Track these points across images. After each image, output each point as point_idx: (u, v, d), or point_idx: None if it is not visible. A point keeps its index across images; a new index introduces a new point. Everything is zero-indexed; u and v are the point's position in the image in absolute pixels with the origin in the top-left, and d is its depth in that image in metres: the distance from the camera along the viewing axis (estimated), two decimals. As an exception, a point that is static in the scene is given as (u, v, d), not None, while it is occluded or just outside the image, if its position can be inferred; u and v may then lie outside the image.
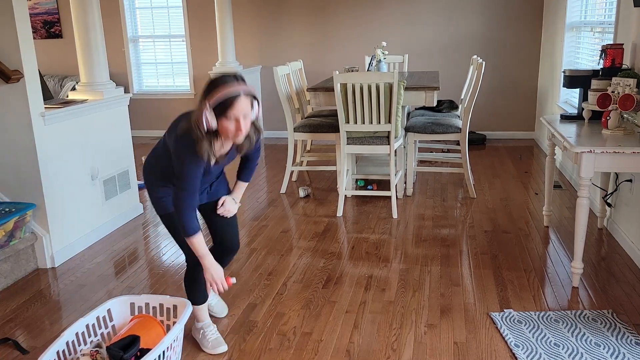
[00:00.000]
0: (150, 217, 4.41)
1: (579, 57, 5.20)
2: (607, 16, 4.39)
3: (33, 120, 3.35)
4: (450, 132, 4.53)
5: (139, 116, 7.80)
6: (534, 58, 6.68)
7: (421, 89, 4.35)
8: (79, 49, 4.02)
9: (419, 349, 2.50)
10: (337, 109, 4.19)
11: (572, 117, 3.51)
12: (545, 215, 3.94)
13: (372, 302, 2.93)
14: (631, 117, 3.34)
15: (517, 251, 3.54)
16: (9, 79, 3.22)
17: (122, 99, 4.24)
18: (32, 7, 7.61)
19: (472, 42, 6.75)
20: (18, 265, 3.36)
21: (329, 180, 5.30)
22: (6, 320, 2.88)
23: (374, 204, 4.53)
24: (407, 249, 3.61)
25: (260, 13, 7.16)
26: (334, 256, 3.54)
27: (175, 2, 7.41)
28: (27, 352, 2.57)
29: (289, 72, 5.01)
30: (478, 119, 6.94)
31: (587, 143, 2.86)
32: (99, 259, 3.62)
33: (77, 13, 3.95)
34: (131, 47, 7.62)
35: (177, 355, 2.31)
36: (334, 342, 2.57)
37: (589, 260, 3.36)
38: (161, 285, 3.21)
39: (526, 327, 2.63)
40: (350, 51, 7.05)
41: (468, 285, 3.09)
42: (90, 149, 3.90)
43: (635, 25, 3.48)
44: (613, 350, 2.43)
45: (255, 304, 2.95)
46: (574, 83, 3.52)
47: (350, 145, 4.23)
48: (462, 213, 4.27)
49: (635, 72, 3.21)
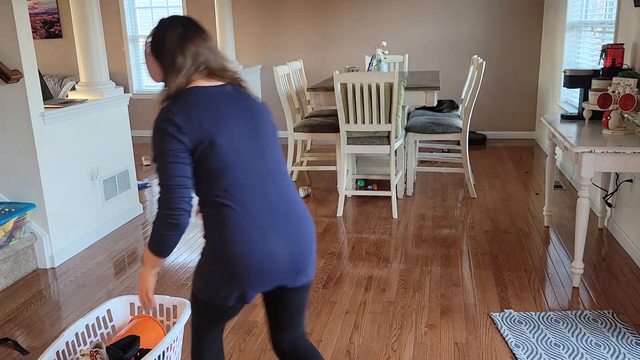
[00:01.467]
0: (150, 217, 4.40)
1: (579, 57, 5.20)
2: (608, 16, 4.38)
3: (33, 120, 3.34)
4: (451, 132, 4.52)
5: (138, 116, 7.79)
6: (535, 58, 6.68)
7: (421, 88, 4.34)
8: (79, 49, 4.01)
9: (419, 350, 2.49)
10: (337, 108, 4.18)
11: (572, 117, 3.50)
12: (546, 215, 3.93)
13: (372, 303, 2.92)
14: (632, 117, 3.34)
15: (517, 251, 3.53)
16: (8, 79, 3.21)
17: (122, 98, 4.24)
18: (32, 7, 7.61)
19: (473, 41, 6.74)
20: (18, 265, 3.36)
21: (329, 180, 5.29)
22: (6, 320, 2.88)
23: (374, 204, 4.52)
24: (408, 249, 3.61)
25: (260, 13, 7.16)
26: (334, 256, 3.54)
27: (175, 2, 7.41)
28: (27, 352, 2.57)
29: (289, 72, 5.00)
30: (478, 119, 6.93)
31: (588, 143, 2.85)
32: (98, 259, 3.62)
33: (77, 13, 3.94)
34: (131, 47, 7.62)
35: (177, 355, 2.30)
36: (334, 342, 2.57)
37: (590, 261, 3.36)
38: (161, 286, 3.20)
39: (526, 328, 2.63)
40: (351, 51, 7.04)
41: (468, 285, 3.09)
42: (90, 149, 3.90)
43: (636, 25, 3.48)
44: (613, 351, 2.43)
45: (256, 304, 2.94)
46: (574, 83, 3.52)
47: (351, 145, 4.23)
48: (462, 213, 4.26)
49: (635, 72, 3.21)
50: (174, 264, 3.49)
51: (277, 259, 1.60)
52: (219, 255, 1.60)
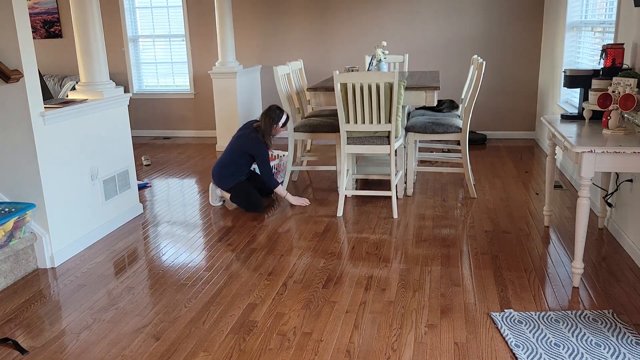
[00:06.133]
0: (150, 217, 4.41)
1: (579, 57, 5.20)
2: (608, 16, 4.38)
3: (33, 120, 3.35)
4: (451, 132, 4.52)
5: (139, 116, 7.79)
6: (535, 58, 6.68)
7: (421, 88, 4.34)
8: (79, 49, 4.01)
9: (419, 349, 2.49)
10: (337, 108, 4.18)
11: (572, 117, 3.50)
12: (546, 215, 3.93)
13: (373, 302, 2.93)
14: (632, 117, 3.34)
15: (517, 251, 3.53)
16: (8, 79, 3.21)
17: (122, 98, 4.24)
18: (32, 6, 7.61)
19: (473, 41, 6.74)
20: (18, 265, 3.36)
21: (329, 180, 5.29)
22: (6, 320, 2.88)
23: (374, 204, 4.52)
24: (408, 249, 3.61)
25: (260, 13, 7.16)
26: (334, 256, 3.54)
27: (175, 1, 7.41)
28: (27, 352, 2.57)
29: (289, 72, 5.00)
30: (478, 119, 6.94)
31: (588, 143, 2.85)
32: (99, 259, 3.62)
33: (77, 13, 3.94)
34: (131, 47, 7.62)
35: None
36: (334, 342, 2.57)
37: (590, 260, 3.36)
38: (161, 285, 3.20)
39: (526, 327, 2.63)
40: (351, 51, 7.04)
41: (468, 285, 3.09)
42: (90, 148, 3.90)
43: (636, 25, 3.48)
44: (613, 351, 2.43)
45: (255, 304, 2.95)
46: (574, 83, 3.52)
47: (351, 145, 4.23)
48: (462, 213, 4.26)
49: (635, 71, 3.21)
50: (174, 264, 3.49)
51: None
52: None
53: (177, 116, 7.71)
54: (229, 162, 4.48)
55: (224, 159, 4.50)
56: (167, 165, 6.12)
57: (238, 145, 4.47)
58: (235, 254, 3.63)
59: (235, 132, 6.68)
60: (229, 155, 4.50)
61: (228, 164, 4.47)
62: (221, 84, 6.63)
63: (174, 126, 7.74)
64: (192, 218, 4.35)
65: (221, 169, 4.48)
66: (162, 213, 4.49)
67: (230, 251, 3.67)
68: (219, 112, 6.71)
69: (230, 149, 4.52)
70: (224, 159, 4.51)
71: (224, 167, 4.47)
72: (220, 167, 4.49)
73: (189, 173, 5.74)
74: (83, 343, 2.63)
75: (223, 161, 4.50)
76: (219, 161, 4.53)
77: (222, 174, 4.47)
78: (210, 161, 6.24)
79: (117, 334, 2.70)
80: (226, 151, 4.54)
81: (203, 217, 4.37)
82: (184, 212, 4.51)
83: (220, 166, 4.49)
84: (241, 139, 4.47)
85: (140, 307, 2.96)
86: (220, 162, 4.51)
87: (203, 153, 6.67)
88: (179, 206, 4.66)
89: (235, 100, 6.63)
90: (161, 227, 4.18)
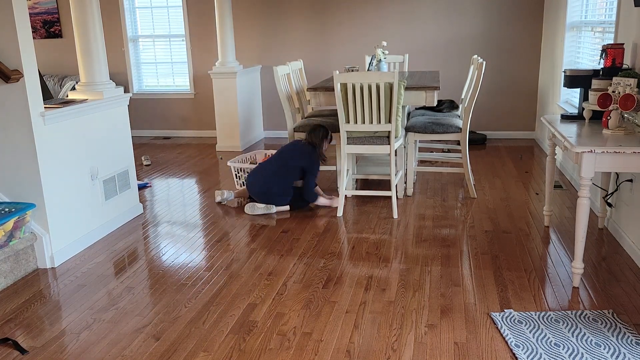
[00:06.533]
0: (150, 217, 4.41)
1: (579, 57, 5.20)
2: (608, 16, 4.38)
3: (33, 120, 3.35)
4: (451, 132, 4.52)
5: (139, 116, 7.80)
6: (535, 58, 6.68)
7: (421, 88, 4.34)
8: (79, 49, 4.01)
9: (419, 349, 2.50)
10: (337, 108, 4.18)
11: (572, 117, 3.50)
12: (546, 215, 3.93)
13: (373, 302, 2.93)
14: (632, 117, 3.34)
15: (517, 251, 3.53)
16: (8, 79, 3.21)
17: (122, 98, 4.24)
18: (32, 6, 7.61)
19: (473, 41, 6.74)
20: (18, 265, 3.36)
21: (329, 180, 5.29)
22: (6, 320, 2.88)
23: (374, 204, 4.52)
24: (408, 249, 3.61)
25: (260, 13, 7.16)
26: (334, 256, 3.54)
27: (175, 1, 7.41)
28: (27, 352, 2.57)
29: (289, 72, 5.00)
30: (478, 119, 6.94)
31: (588, 143, 2.85)
32: (99, 259, 3.62)
33: (77, 13, 3.94)
34: (131, 47, 7.62)
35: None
36: (334, 342, 2.57)
37: (590, 260, 3.36)
38: (161, 285, 3.20)
39: (526, 327, 2.63)
40: (351, 51, 7.05)
41: (468, 285, 3.09)
42: (90, 148, 3.90)
43: (636, 25, 3.48)
44: (613, 351, 2.43)
45: (255, 304, 2.95)
46: (574, 83, 3.52)
47: (351, 145, 4.23)
48: (462, 213, 4.26)
49: (635, 71, 3.21)
50: (174, 264, 3.49)
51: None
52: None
53: (177, 116, 7.71)
54: (281, 181, 4.31)
55: (271, 180, 4.30)
56: (167, 165, 6.12)
57: (293, 159, 4.34)
58: (235, 254, 3.63)
59: (239, 134, 6.72)
60: (276, 174, 4.32)
61: (278, 182, 4.31)
62: (221, 84, 6.63)
63: (174, 126, 7.75)
64: (192, 218, 4.35)
65: (270, 188, 4.30)
66: (162, 213, 4.49)
67: (230, 251, 3.67)
68: (219, 112, 6.72)
69: (279, 164, 4.35)
70: (270, 180, 4.31)
71: (275, 186, 4.30)
72: (269, 187, 4.30)
73: (189, 173, 5.74)
74: (83, 343, 2.63)
75: (270, 181, 4.31)
76: (264, 181, 4.31)
77: (273, 192, 4.30)
78: (210, 161, 6.24)
79: (117, 334, 2.70)
80: (270, 169, 4.34)
81: (203, 217, 4.38)
82: (184, 212, 4.51)
83: (269, 186, 4.30)
84: (295, 153, 4.36)
85: (140, 307, 2.96)
86: (266, 182, 4.31)
87: (203, 153, 6.67)
88: (179, 206, 4.66)
89: (235, 100, 6.63)
90: (161, 227, 4.18)
